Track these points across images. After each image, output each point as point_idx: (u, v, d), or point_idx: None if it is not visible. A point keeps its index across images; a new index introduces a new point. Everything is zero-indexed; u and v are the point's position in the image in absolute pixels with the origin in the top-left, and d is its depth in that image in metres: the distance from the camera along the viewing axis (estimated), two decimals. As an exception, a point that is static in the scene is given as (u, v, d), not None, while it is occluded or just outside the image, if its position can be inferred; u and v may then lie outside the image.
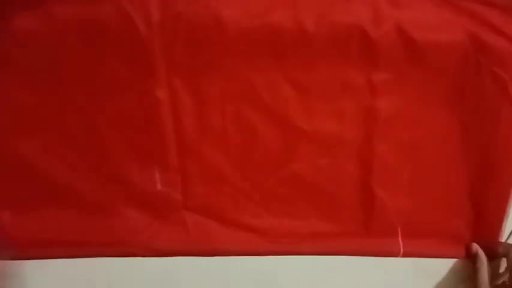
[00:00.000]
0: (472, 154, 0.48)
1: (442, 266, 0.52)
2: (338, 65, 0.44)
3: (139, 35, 0.42)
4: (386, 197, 0.49)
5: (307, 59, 0.44)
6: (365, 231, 0.51)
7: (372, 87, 0.45)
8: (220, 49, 0.43)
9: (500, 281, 0.49)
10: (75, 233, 0.49)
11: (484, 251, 0.49)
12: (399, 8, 0.42)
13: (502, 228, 0.50)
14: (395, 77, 0.44)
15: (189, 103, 0.45)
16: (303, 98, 0.46)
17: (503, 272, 0.50)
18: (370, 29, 0.42)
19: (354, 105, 0.46)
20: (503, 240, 0.51)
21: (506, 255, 0.48)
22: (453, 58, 0.43)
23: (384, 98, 0.45)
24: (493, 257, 0.49)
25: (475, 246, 0.50)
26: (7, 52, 0.43)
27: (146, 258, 0.50)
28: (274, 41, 0.43)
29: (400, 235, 0.50)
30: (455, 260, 0.52)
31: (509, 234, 0.51)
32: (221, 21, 0.42)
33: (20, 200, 0.49)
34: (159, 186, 0.48)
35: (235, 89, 0.45)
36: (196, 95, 0.45)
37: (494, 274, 0.50)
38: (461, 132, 0.47)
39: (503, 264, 0.50)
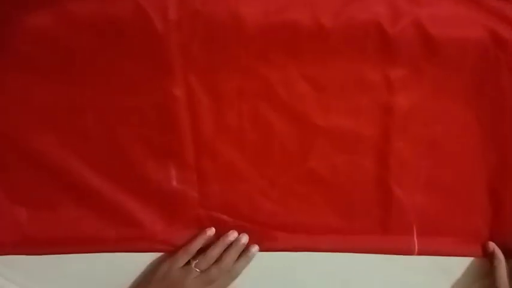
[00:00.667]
0: (490, 150, 0.48)
1: (460, 264, 0.52)
2: (355, 62, 0.44)
3: (156, 32, 0.42)
4: (403, 194, 0.49)
5: (324, 56, 0.44)
6: (381, 228, 0.50)
7: (389, 84, 0.45)
8: (237, 47, 0.43)
9: None
10: (91, 230, 0.49)
11: (502, 249, 0.49)
12: (417, 5, 0.42)
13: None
14: (412, 73, 0.44)
15: (205, 101, 0.45)
16: (320, 94, 0.46)
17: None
18: (387, 25, 0.42)
19: (371, 102, 0.46)
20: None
21: None
22: (471, 54, 0.43)
23: (401, 94, 0.45)
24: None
25: (492, 245, 0.49)
26: (23, 50, 0.43)
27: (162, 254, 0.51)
28: (291, 38, 0.43)
29: (415, 233, 0.50)
30: (472, 258, 0.51)
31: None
32: (239, 19, 0.42)
33: (37, 197, 0.49)
34: (174, 184, 0.48)
35: (251, 87, 0.45)
36: (212, 93, 0.45)
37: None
38: (480, 128, 0.47)
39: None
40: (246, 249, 0.50)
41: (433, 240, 0.51)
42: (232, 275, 0.50)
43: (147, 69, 0.44)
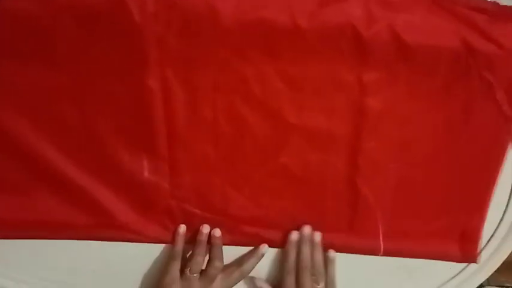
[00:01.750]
0: (460, 153, 0.49)
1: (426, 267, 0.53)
2: (330, 62, 0.44)
3: (133, 23, 0.42)
4: (371, 194, 0.50)
5: (300, 55, 0.44)
6: (349, 227, 0.51)
7: (362, 85, 0.45)
8: (213, 41, 0.43)
9: None
10: (62, 215, 0.50)
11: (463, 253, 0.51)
12: (392, 10, 0.42)
13: (482, 231, 0.51)
14: (385, 76, 0.45)
15: (180, 93, 0.46)
16: (294, 92, 0.46)
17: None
18: (362, 28, 0.42)
19: (344, 102, 0.46)
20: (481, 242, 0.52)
21: None
22: (443, 60, 0.44)
23: (374, 96, 0.46)
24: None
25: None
26: (0, 35, 0.43)
27: (131, 244, 0.51)
28: (268, 36, 0.43)
29: (381, 233, 0.51)
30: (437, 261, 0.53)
31: (489, 239, 0.52)
32: (215, 13, 0.42)
33: (8, 181, 0.49)
34: (146, 174, 0.49)
35: (227, 81, 0.45)
36: (188, 86, 0.45)
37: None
38: (449, 132, 0.48)
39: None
40: (256, 247, 0.52)
41: (399, 241, 0.52)
42: (243, 272, 0.51)
43: (124, 59, 0.44)
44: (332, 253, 0.51)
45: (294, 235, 0.51)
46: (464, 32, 0.43)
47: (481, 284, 0.72)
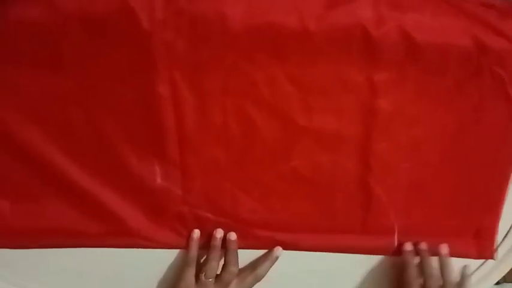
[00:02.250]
0: (471, 153, 0.48)
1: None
2: (339, 63, 0.44)
3: (142, 30, 0.42)
4: (384, 195, 0.50)
5: (308, 57, 0.44)
6: (362, 228, 0.51)
7: (373, 86, 0.45)
8: (222, 45, 0.43)
9: None
10: (73, 223, 0.50)
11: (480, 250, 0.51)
12: (401, 10, 0.42)
13: (497, 228, 0.51)
14: (396, 76, 0.45)
15: (190, 98, 0.46)
16: (303, 94, 0.46)
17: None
18: (371, 28, 0.42)
19: (354, 103, 0.46)
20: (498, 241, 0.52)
21: None
22: (454, 59, 0.43)
23: (384, 97, 0.46)
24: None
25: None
26: (9, 41, 0.43)
27: (144, 250, 0.51)
28: (276, 39, 0.43)
29: (396, 233, 0.51)
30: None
31: (504, 236, 0.52)
32: (224, 18, 0.42)
33: (20, 190, 0.49)
34: (159, 180, 0.49)
35: (236, 85, 0.45)
36: (197, 90, 0.45)
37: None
38: (461, 131, 0.47)
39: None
40: (270, 250, 0.52)
41: (414, 240, 0.52)
42: (257, 276, 0.51)
43: (133, 66, 0.44)
44: (445, 257, 0.51)
45: (408, 245, 0.51)
46: (474, 29, 0.42)
47: (498, 281, 0.72)
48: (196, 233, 0.51)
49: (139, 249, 0.51)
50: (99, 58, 0.44)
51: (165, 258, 0.52)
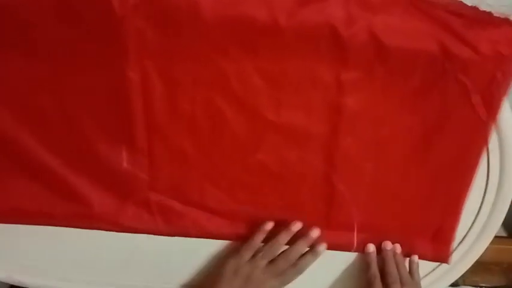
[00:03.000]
0: (435, 157, 0.49)
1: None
2: (308, 61, 0.45)
3: (113, 14, 0.42)
4: (347, 192, 0.51)
5: (279, 52, 0.44)
6: (325, 224, 0.52)
7: (340, 84, 0.45)
8: (193, 35, 0.43)
9: None
10: (41, 205, 0.50)
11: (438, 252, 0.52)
12: (371, 11, 0.42)
13: (455, 232, 0.52)
14: (363, 77, 0.45)
15: (159, 86, 0.46)
16: (273, 89, 0.46)
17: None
18: (341, 28, 0.42)
19: (322, 101, 0.47)
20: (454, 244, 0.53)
21: None
22: (420, 63, 0.44)
23: (351, 96, 0.46)
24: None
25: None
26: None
27: (109, 232, 0.52)
28: (248, 32, 0.43)
29: (355, 230, 0.52)
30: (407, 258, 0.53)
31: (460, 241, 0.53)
32: (196, 8, 0.42)
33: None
34: (125, 165, 0.49)
35: (206, 76, 0.45)
36: (167, 79, 0.46)
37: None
38: (425, 134, 0.48)
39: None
40: (313, 245, 0.51)
41: (373, 238, 0.53)
42: (298, 270, 0.51)
43: (104, 50, 0.44)
44: (415, 258, 0.52)
45: (371, 247, 0.52)
46: (441, 36, 0.43)
47: (457, 283, 0.74)
48: (269, 224, 0.51)
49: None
50: (71, 42, 0.44)
51: (129, 242, 0.53)
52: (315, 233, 0.51)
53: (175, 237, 0.53)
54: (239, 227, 0.53)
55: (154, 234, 0.53)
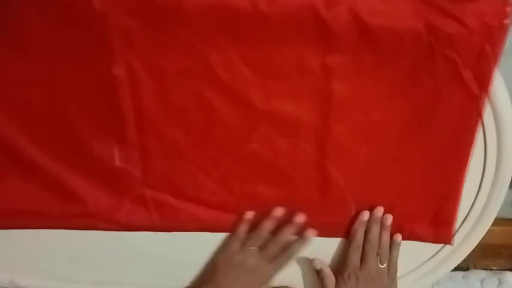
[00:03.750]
0: (429, 138, 0.48)
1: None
2: (293, 46, 0.44)
3: (94, 11, 0.42)
4: (341, 178, 0.50)
5: (263, 39, 0.44)
6: (321, 211, 0.51)
7: (327, 69, 0.45)
8: (176, 27, 0.43)
9: None
10: (36, 204, 0.50)
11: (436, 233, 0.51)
12: (352, -8, 0.42)
13: (456, 213, 0.51)
14: (350, 60, 0.44)
15: (147, 80, 0.46)
16: (261, 78, 0.46)
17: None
18: (322, 10, 0.42)
19: (311, 87, 0.46)
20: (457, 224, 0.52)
21: None
22: (407, 43, 0.43)
23: (339, 80, 0.45)
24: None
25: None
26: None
27: (106, 232, 0.52)
28: (230, 20, 0.43)
29: (352, 217, 0.51)
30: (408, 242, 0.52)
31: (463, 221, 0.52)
32: (177, -2, 0.42)
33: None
34: (118, 162, 0.49)
35: (193, 68, 0.45)
36: (154, 72, 0.45)
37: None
38: (418, 116, 0.47)
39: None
40: (301, 231, 0.51)
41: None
42: (288, 254, 0.51)
43: (89, 48, 0.44)
44: (398, 237, 0.52)
45: (365, 215, 0.51)
46: (425, 12, 0.42)
47: (467, 267, 0.72)
48: (250, 213, 0.51)
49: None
50: (58, 40, 0.44)
51: (127, 240, 0.53)
52: (300, 218, 0.51)
53: (174, 233, 0.53)
54: (235, 218, 0.52)
55: (151, 230, 0.53)
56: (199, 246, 0.53)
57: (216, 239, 0.53)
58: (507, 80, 0.45)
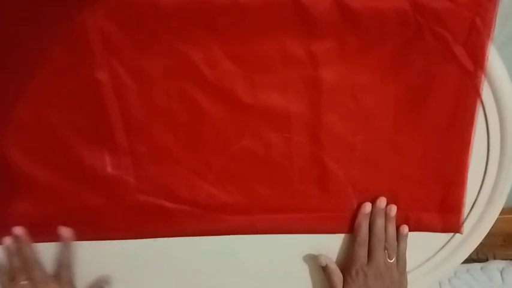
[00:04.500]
0: (427, 121, 0.46)
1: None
2: (275, 36, 0.43)
3: (72, 17, 0.42)
4: (339, 170, 0.48)
5: (243, 31, 0.43)
6: (321, 206, 0.50)
7: (313, 57, 0.44)
8: (155, 26, 0.42)
9: None
10: (30, 217, 0.50)
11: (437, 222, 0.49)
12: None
13: (463, 199, 0.49)
14: (335, 45, 0.43)
15: (131, 83, 0.45)
16: (245, 72, 0.45)
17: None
18: (302, -5, 0.41)
19: (298, 77, 0.45)
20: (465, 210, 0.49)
21: None
22: (392, 22, 0.41)
23: (327, 68, 0.44)
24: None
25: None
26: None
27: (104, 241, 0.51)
28: (208, 15, 0.42)
29: (354, 210, 0.49)
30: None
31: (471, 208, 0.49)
32: (153, -3, 0.41)
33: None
34: (109, 170, 0.48)
35: (175, 67, 0.44)
36: (137, 75, 0.45)
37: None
38: (411, 97, 0.45)
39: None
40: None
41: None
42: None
43: (71, 54, 0.43)
44: (405, 229, 0.50)
45: (367, 207, 0.49)
46: (408, -11, 0.40)
47: (487, 258, 0.69)
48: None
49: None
50: (40, 48, 0.43)
51: (125, 247, 0.52)
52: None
53: (174, 238, 0.51)
54: (233, 220, 0.51)
55: (150, 237, 0.52)
56: (199, 249, 0.52)
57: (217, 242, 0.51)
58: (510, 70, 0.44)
